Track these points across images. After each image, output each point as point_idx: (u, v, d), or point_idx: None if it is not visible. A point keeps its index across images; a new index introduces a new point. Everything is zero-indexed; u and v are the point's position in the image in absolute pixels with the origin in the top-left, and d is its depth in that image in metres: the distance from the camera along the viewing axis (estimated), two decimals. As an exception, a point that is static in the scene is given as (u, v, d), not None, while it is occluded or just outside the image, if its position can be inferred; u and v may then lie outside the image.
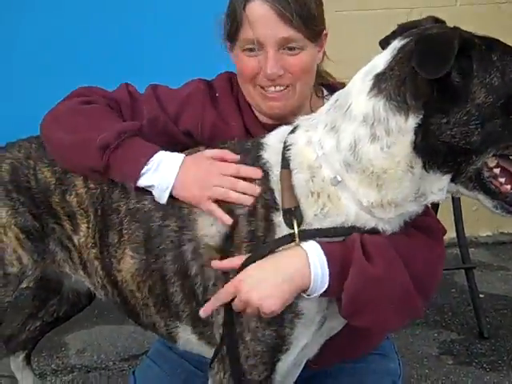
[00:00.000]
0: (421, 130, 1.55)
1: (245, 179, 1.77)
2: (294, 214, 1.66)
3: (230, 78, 2.12)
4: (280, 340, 1.72)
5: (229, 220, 1.73)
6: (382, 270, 1.63)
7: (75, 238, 2.06)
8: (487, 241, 4.49)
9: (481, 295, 3.58)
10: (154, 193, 1.85)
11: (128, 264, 1.95)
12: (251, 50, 1.93)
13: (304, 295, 1.65)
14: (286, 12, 1.86)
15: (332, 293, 1.65)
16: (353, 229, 1.66)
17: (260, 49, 1.91)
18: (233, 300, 1.68)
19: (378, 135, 1.58)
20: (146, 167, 1.82)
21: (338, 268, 1.62)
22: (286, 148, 1.75)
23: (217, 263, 1.74)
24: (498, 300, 3.76)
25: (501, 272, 4.07)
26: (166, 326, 2.00)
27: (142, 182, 1.83)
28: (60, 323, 2.66)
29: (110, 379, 3.15)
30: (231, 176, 1.78)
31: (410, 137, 1.56)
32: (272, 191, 1.75)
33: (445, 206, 3.60)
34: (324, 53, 2.07)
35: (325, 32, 2.02)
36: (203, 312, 1.74)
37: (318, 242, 1.65)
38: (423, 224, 1.77)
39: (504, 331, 3.43)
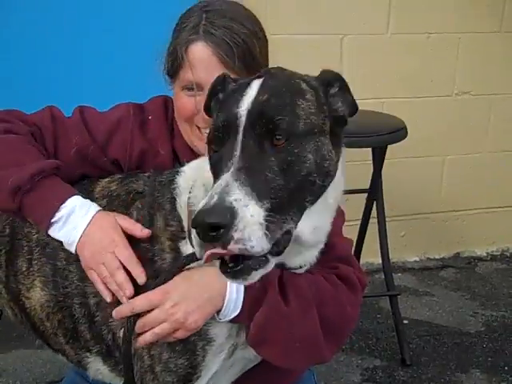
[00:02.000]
0: None
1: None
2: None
3: (166, 102, 2.08)
4: (192, 369, 1.70)
5: (109, 297, 1.72)
6: (293, 310, 1.65)
7: None
8: (414, 266, 4.53)
9: (405, 321, 3.63)
10: None
11: (38, 294, 1.89)
12: (190, 89, 1.91)
13: (216, 317, 1.65)
14: (229, 58, 1.85)
15: (242, 319, 1.66)
16: None
17: (199, 90, 1.89)
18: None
19: None
20: (56, 216, 1.74)
21: (253, 297, 1.64)
22: (201, 173, 1.74)
23: (118, 313, 1.70)
24: (421, 326, 3.79)
25: (426, 298, 4.11)
26: (76, 355, 1.95)
27: (52, 233, 1.76)
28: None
29: (25, 406, 3.03)
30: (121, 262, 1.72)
31: None
32: (179, 219, 1.75)
33: (372, 231, 3.66)
34: None
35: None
36: (116, 313, 1.70)
37: None
38: (343, 273, 1.80)
39: (426, 358, 3.46)
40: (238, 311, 1.64)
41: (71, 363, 2.04)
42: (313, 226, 1.56)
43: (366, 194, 3.62)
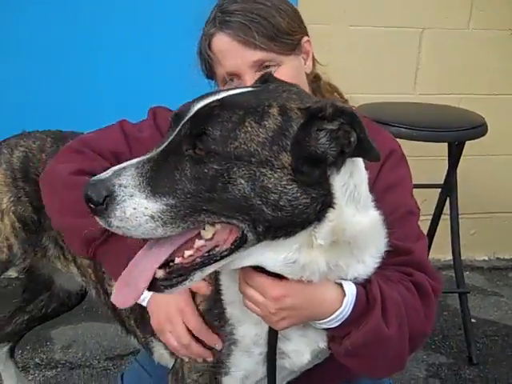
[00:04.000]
0: None
1: None
2: None
3: None
4: (218, 363, 1.72)
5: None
6: (394, 333, 1.60)
7: None
8: (483, 265, 4.45)
9: (472, 320, 3.56)
10: None
11: None
12: (232, 81, 1.91)
13: (313, 323, 1.62)
14: (249, 37, 1.84)
15: (336, 331, 1.61)
16: None
17: (237, 78, 1.89)
18: None
19: None
20: None
21: (357, 315, 1.58)
22: None
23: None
24: (489, 326, 3.73)
25: (494, 298, 4.05)
26: (143, 338, 2.05)
27: None
28: (48, 319, 2.65)
29: (93, 377, 3.13)
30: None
31: None
32: None
33: (441, 227, 3.62)
34: (313, 59, 2.04)
35: (306, 39, 1.97)
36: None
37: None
38: (418, 282, 1.73)
39: (493, 358, 3.40)
40: (337, 324, 1.58)
41: (141, 346, 2.12)
42: (286, 258, 1.46)
43: (439, 190, 3.57)
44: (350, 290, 1.57)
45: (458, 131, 3.16)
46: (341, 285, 1.57)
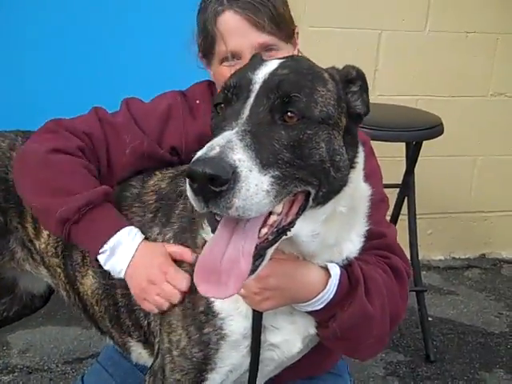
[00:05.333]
0: None
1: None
2: None
3: (209, 85, 2.09)
4: (205, 359, 1.70)
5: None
6: (376, 311, 1.64)
7: (37, 243, 2.05)
8: (439, 265, 4.53)
9: (429, 318, 3.62)
10: None
11: (89, 282, 1.97)
12: (229, 60, 1.91)
13: (297, 306, 1.63)
14: (259, 19, 1.86)
15: (320, 313, 1.63)
16: None
17: (238, 58, 1.89)
18: None
19: None
20: (102, 248, 1.76)
21: (341, 296, 1.60)
22: None
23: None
24: (446, 324, 3.79)
25: (450, 297, 4.12)
26: (120, 339, 2.03)
27: (100, 261, 1.80)
28: (8, 323, 2.58)
29: (51, 381, 3.07)
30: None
31: None
32: None
33: (400, 228, 3.65)
34: (298, 50, 2.06)
35: (296, 30, 2.02)
36: None
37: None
38: (394, 265, 1.78)
39: (450, 356, 3.46)
40: (322, 306, 1.60)
41: (117, 346, 2.10)
42: (312, 230, 1.51)
43: (397, 190, 3.62)
44: (335, 271, 1.60)
45: (415, 131, 3.22)
46: (323, 267, 1.60)
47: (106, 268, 1.79)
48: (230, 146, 1.23)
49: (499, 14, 4.13)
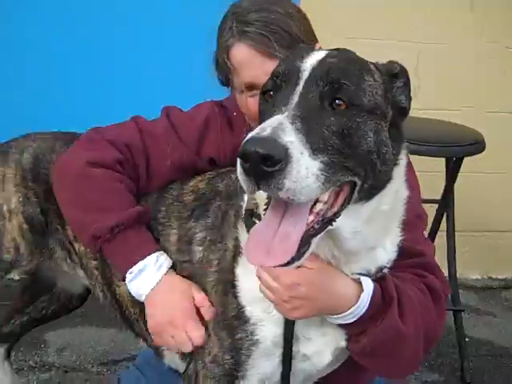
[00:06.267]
0: None
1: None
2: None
3: None
4: (237, 366, 1.71)
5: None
6: (409, 329, 1.63)
7: (76, 245, 2.08)
8: (476, 284, 4.47)
9: (466, 339, 3.57)
10: None
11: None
12: (250, 89, 1.90)
13: (328, 317, 1.63)
14: (269, 48, 1.84)
15: (352, 327, 1.62)
16: None
17: (255, 89, 1.86)
18: None
19: None
20: (130, 270, 1.81)
21: (374, 310, 1.60)
22: None
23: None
24: (482, 345, 3.73)
25: (487, 317, 4.06)
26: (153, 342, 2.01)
27: (126, 280, 1.84)
28: (46, 321, 2.64)
29: (87, 382, 3.11)
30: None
31: None
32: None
33: (437, 244, 3.61)
34: None
35: (318, 46, 1.97)
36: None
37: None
38: (431, 284, 1.76)
39: (486, 378, 3.40)
40: (354, 320, 1.60)
41: (151, 349, 2.12)
42: (355, 227, 1.50)
43: (436, 205, 3.58)
44: (368, 285, 1.59)
45: (456, 146, 3.19)
46: (357, 281, 1.59)
47: (128, 287, 1.84)
48: (282, 127, 1.24)
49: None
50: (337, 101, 1.37)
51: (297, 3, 2.10)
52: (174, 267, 1.85)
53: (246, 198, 1.72)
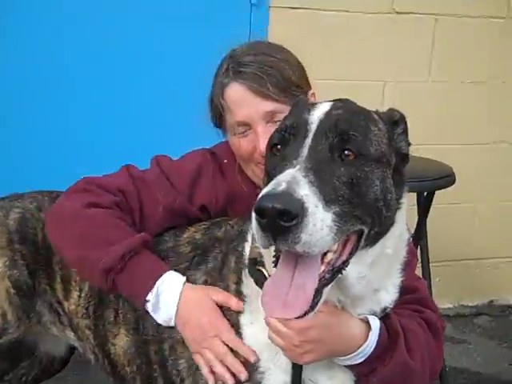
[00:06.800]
0: None
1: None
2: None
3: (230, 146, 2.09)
4: None
5: (211, 381, 1.73)
6: (418, 364, 1.64)
7: (65, 304, 2.01)
8: (448, 313, 4.51)
9: (447, 369, 3.57)
10: None
11: (122, 341, 1.94)
12: (241, 131, 1.93)
13: (337, 359, 1.62)
14: (263, 88, 1.88)
15: (361, 367, 1.62)
16: None
17: (249, 128, 1.92)
18: None
19: None
20: (147, 296, 1.77)
21: (381, 349, 1.60)
22: None
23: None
24: (460, 373, 3.76)
25: (462, 345, 4.09)
26: None
27: (149, 309, 1.79)
28: (25, 389, 2.50)
29: None
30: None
31: None
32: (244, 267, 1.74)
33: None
34: None
35: (311, 92, 2.03)
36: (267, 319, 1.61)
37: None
38: (428, 319, 1.79)
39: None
40: (362, 360, 1.60)
41: None
42: (360, 272, 1.50)
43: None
44: (375, 323, 1.60)
45: (427, 181, 3.22)
46: (364, 320, 1.59)
47: (153, 316, 1.78)
48: (296, 181, 1.25)
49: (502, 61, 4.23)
50: (346, 152, 1.39)
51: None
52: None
53: (247, 247, 1.73)
